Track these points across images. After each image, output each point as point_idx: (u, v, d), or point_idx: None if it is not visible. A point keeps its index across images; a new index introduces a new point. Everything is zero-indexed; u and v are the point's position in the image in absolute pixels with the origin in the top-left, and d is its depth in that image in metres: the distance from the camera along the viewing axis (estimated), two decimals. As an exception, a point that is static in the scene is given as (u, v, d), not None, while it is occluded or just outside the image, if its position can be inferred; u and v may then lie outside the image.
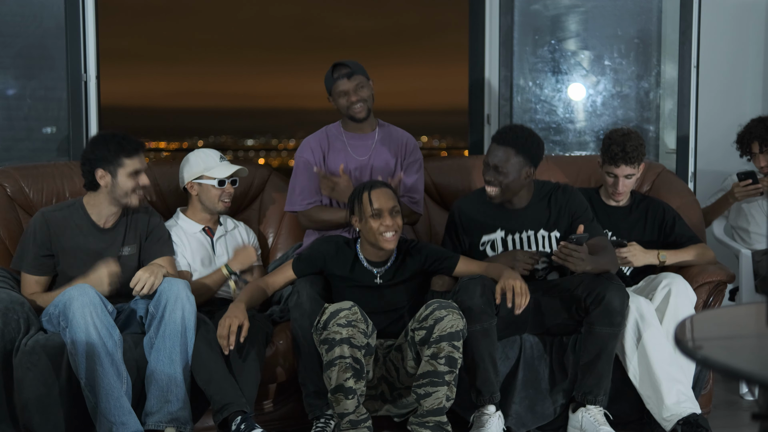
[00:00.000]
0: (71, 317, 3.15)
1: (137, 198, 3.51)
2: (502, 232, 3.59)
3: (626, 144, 3.78)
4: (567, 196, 3.60)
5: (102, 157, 3.45)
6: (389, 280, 3.48)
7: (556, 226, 3.58)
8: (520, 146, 3.50)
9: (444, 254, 3.53)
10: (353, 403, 3.18)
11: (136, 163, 3.48)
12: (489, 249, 3.60)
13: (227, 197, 3.76)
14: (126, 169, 3.46)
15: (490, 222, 3.60)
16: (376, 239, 3.39)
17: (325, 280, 3.55)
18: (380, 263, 3.49)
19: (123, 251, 3.55)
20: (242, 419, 3.23)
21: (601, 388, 3.46)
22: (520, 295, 3.26)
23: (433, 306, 3.24)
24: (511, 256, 3.52)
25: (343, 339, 3.15)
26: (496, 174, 3.50)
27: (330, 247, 3.53)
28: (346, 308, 3.19)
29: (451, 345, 3.19)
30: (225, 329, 3.25)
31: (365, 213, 3.39)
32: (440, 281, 3.57)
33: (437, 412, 3.22)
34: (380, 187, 3.44)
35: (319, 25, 11.42)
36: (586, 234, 3.37)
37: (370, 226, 3.39)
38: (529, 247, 3.57)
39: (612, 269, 3.48)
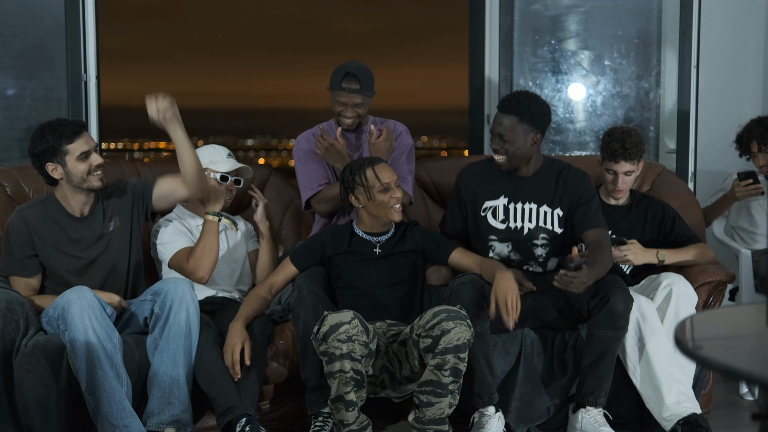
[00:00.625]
0: (70, 320, 3.14)
1: (97, 179, 3.41)
2: (505, 199, 3.58)
3: (626, 140, 3.79)
4: (577, 178, 3.57)
5: (45, 150, 3.37)
6: (389, 250, 3.53)
7: (560, 204, 3.56)
8: (524, 113, 3.48)
9: (441, 239, 3.61)
10: (353, 415, 3.18)
11: (81, 145, 3.36)
12: (490, 216, 3.58)
13: (228, 195, 3.76)
14: (73, 155, 3.37)
15: (494, 188, 3.59)
16: (386, 212, 3.48)
17: (325, 275, 3.55)
18: (379, 234, 3.54)
19: (108, 227, 3.51)
20: (247, 421, 3.23)
21: (602, 390, 3.45)
22: (513, 310, 3.26)
23: (441, 316, 3.18)
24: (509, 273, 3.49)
25: (343, 354, 3.13)
26: (502, 142, 3.50)
27: (325, 231, 3.63)
28: (346, 322, 3.15)
29: (457, 357, 3.17)
30: (229, 359, 3.31)
31: (374, 188, 3.45)
32: (436, 274, 3.57)
33: (439, 422, 3.22)
34: (380, 162, 3.53)
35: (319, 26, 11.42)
36: (583, 258, 3.35)
37: (380, 201, 3.46)
38: (531, 222, 3.56)
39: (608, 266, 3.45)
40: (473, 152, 4.91)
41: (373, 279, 3.49)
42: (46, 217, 3.45)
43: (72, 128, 3.38)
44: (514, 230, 3.56)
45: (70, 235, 3.46)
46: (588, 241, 3.51)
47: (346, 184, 3.51)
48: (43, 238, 3.44)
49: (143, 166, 4.20)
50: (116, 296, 3.40)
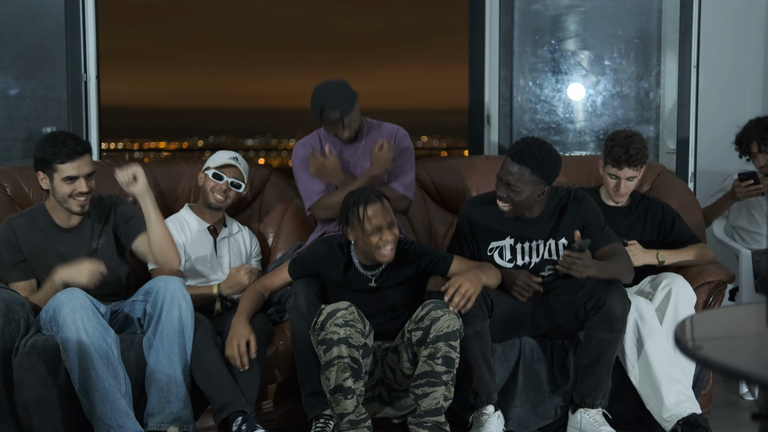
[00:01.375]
0: (62, 323, 3.14)
1: (77, 204, 3.38)
2: (511, 240, 3.56)
3: (629, 146, 3.77)
4: (578, 206, 3.54)
5: (40, 159, 3.38)
6: (383, 283, 3.48)
7: (564, 234, 3.53)
8: (536, 166, 3.39)
9: (438, 256, 3.52)
10: (352, 403, 3.17)
11: (70, 169, 3.34)
12: (497, 255, 3.57)
13: (219, 192, 3.75)
14: (60, 175, 3.35)
15: (500, 229, 3.56)
16: (373, 252, 3.37)
17: (321, 282, 3.55)
18: (374, 267, 3.48)
19: (93, 245, 3.50)
20: (243, 419, 3.23)
21: (600, 392, 3.45)
22: (460, 295, 3.22)
23: (429, 306, 3.23)
24: (514, 276, 3.49)
25: (340, 339, 3.15)
26: (509, 191, 3.42)
27: (324, 250, 3.52)
28: (343, 308, 3.19)
29: (448, 345, 3.19)
30: (234, 350, 3.29)
31: (365, 230, 3.35)
32: (435, 281, 3.57)
33: (435, 413, 3.22)
34: (375, 201, 3.37)
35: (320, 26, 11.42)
36: (587, 240, 3.34)
37: (369, 242, 3.36)
38: (537, 256, 3.55)
39: (623, 277, 3.43)
40: (473, 152, 4.92)
41: (367, 309, 3.40)
42: (34, 227, 3.46)
43: (69, 150, 3.34)
44: (522, 266, 3.56)
45: (56, 248, 3.46)
46: (605, 257, 3.48)
47: (342, 216, 3.44)
48: (30, 247, 3.44)
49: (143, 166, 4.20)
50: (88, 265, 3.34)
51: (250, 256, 3.93)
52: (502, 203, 3.46)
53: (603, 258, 3.45)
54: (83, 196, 3.38)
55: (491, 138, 4.85)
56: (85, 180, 3.37)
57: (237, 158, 3.84)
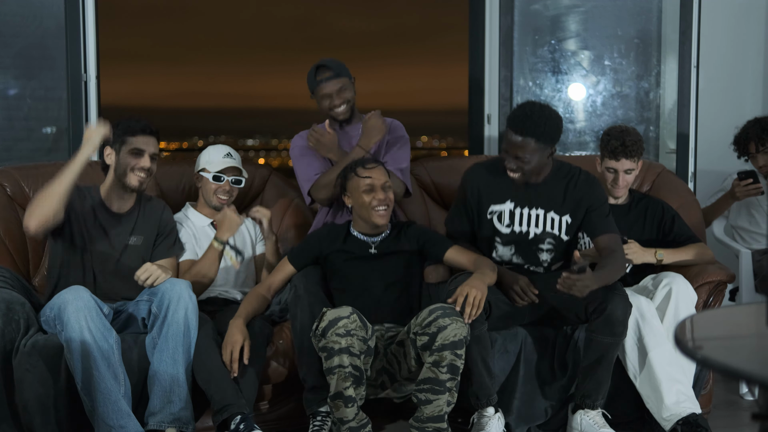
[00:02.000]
0: (66, 321, 3.14)
1: (137, 179, 3.49)
2: (511, 204, 3.55)
3: (625, 138, 3.79)
4: (588, 187, 3.53)
5: (112, 136, 3.48)
6: (384, 250, 3.53)
7: (569, 211, 3.53)
8: (540, 134, 3.38)
9: (437, 237, 3.60)
10: (353, 411, 3.18)
11: (140, 142, 3.49)
12: (496, 220, 3.57)
13: (223, 193, 3.75)
14: (128, 146, 3.48)
15: (501, 192, 3.55)
16: (369, 214, 3.46)
17: (322, 274, 3.56)
18: (374, 235, 3.55)
19: (130, 240, 3.56)
20: (242, 419, 3.23)
21: (600, 394, 3.45)
22: (470, 305, 3.23)
23: (437, 313, 3.20)
24: (514, 279, 3.49)
25: (342, 349, 3.14)
26: (518, 162, 3.42)
27: (321, 230, 3.64)
28: (344, 316, 3.17)
29: (454, 354, 3.18)
30: (227, 356, 3.31)
31: (358, 188, 3.45)
32: (434, 273, 3.58)
33: (437, 419, 3.22)
34: (372, 162, 3.52)
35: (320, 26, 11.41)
36: (585, 262, 3.31)
37: (363, 201, 3.45)
38: (537, 226, 3.55)
39: (617, 277, 3.43)
40: (473, 152, 4.92)
41: (368, 279, 3.48)
42: (85, 202, 3.52)
43: (143, 126, 3.52)
44: (519, 233, 3.55)
45: (101, 224, 3.51)
46: (600, 248, 3.49)
47: (341, 182, 3.54)
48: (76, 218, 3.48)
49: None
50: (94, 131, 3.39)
51: (255, 242, 3.92)
52: (513, 173, 3.46)
53: (600, 247, 3.46)
54: (144, 172, 3.50)
55: (491, 138, 4.85)
56: (149, 157, 3.51)
57: (230, 154, 3.84)
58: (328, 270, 3.57)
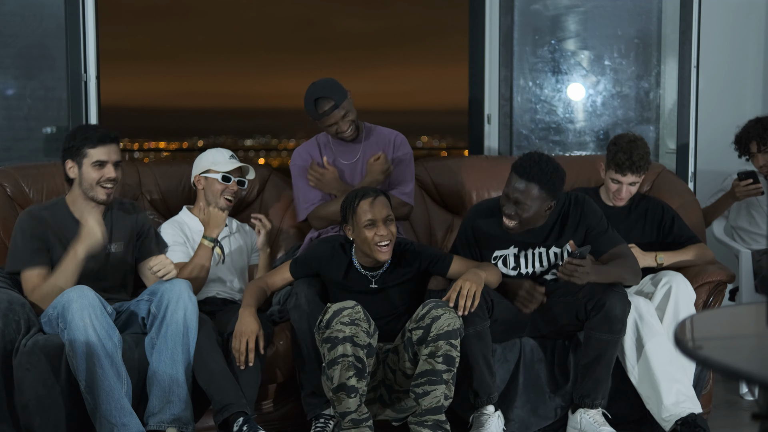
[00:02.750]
0: (70, 319, 3.14)
1: (104, 192, 3.42)
2: (515, 249, 3.55)
3: (633, 152, 3.75)
4: (580, 211, 3.52)
5: (70, 147, 3.42)
6: (384, 284, 3.48)
7: (568, 240, 3.50)
8: (545, 183, 3.35)
9: (438, 256, 3.52)
10: (355, 402, 3.17)
11: (101, 153, 3.40)
12: (501, 264, 3.56)
13: (230, 194, 3.76)
14: (90, 159, 3.40)
15: (503, 237, 3.53)
16: (371, 250, 3.37)
17: (322, 282, 3.55)
18: (375, 268, 3.48)
19: (111, 248, 3.52)
20: (244, 420, 3.23)
21: (599, 392, 3.45)
22: (464, 297, 3.22)
23: (430, 305, 3.23)
24: (518, 285, 3.48)
25: (346, 337, 3.15)
26: (517, 208, 3.38)
27: (326, 250, 3.53)
28: (349, 307, 3.19)
29: (449, 343, 3.18)
30: (242, 345, 3.29)
31: (359, 223, 3.36)
32: (435, 281, 3.56)
33: (435, 411, 3.22)
34: (373, 195, 3.39)
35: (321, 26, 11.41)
36: (587, 246, 3.31)
37: (364, 237, 3.36)
38: (541, 264, 3.55)
39: (626, 280, 3.42)
40: (473, 152, 4.91)
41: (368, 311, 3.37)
42: (54, 220, 3.46)
43: (101, 136, 3.42)
44: (525, 275, 3.56)
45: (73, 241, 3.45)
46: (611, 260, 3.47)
47: (342, 213, 3.46)
48: (49, 239, 3.44)
49: (143, 166, 4.21)
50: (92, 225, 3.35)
51: (251, 251, 3.93)
52: (509, 220, 3.42)
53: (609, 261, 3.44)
54: (111, 183, 3.42)
55: (491, 138, 4.84)
56: (113, 167, 3.42)
57: (234, 156, 3.85)
58: (327, 289, 3.56)
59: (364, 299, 3.41)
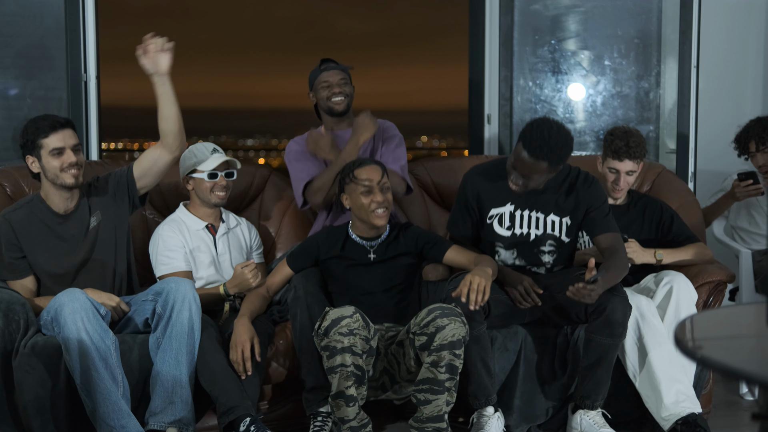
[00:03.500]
0: (63, 322, 3.14)
1: (70, 176, 3.37)
2: (511, 207, 3.55)
3: (629, 139, 3.78)
4: (587, 187, 3.53)
5: (25, 143, 3.40)
6: (382, 255, 3.52)
7: (570, 213, 3.52)
8: (554, 160, 3.34)
9: (436, 238, 3.58)
10: (354, 411, 3.18)
11: (56, 141, 3.34)
12: (496, 223, 3.56)
13: (220, 189, 3.71)
14: (46, 149, 3.36)
15: (501, 195, 3.55)
16: (368, 216, 3.44)
17: (321, 274, 3.56)
18: (372, 239, 3.53)
19: (92, 223, 3.49)
20: (251, 421, 3.22)
21: (599, 394, 3.44)
22: (475, 291, 3.21)
23: (436, 313, 3.20)
24: (518, 280, 3.48)
25: (344, 348, 3.14)
26: (525, 181, 3.39)
27: (319, 233, 3.62)
28: (347, 316, 3.17)
29: (452, 353, 3.18)
30: (238, 356, 3.30)
31: (355, 189, 3.43)
32: (433, 272, 3.57)
33: (437, 419, 3.21)
34: (369, 163, 3.49)
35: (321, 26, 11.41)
36: (599, 274, 3.26)
37: (361, 203, 3.43)
38: (538, 229, 3.55)
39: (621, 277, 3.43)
40: (473, 152, 4.91)
41: (367, 285, 3.47)
42: (32, 217, 3.43)
43: (50, 123, 3.37)
44: (520, 236, 3.55)
45: (57, 233, 3.44)
46: (602, 248, 3.48)
47: (339, 183, 3.54)
48: (30, 239, 3.41)
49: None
50: (116, 297, 3.39)
51: (251, 249, 3.89)
52: (514, 185, 3.43)
53: (602, 247, 3.46)
54: (74, 168, 3.37)
55: (491, 138, 4.84)
56: (72, 151, 3.37)
57: (217, 149, 3.77)
58: (326, 274, 3.57)
59: (363, 272, 3.47)
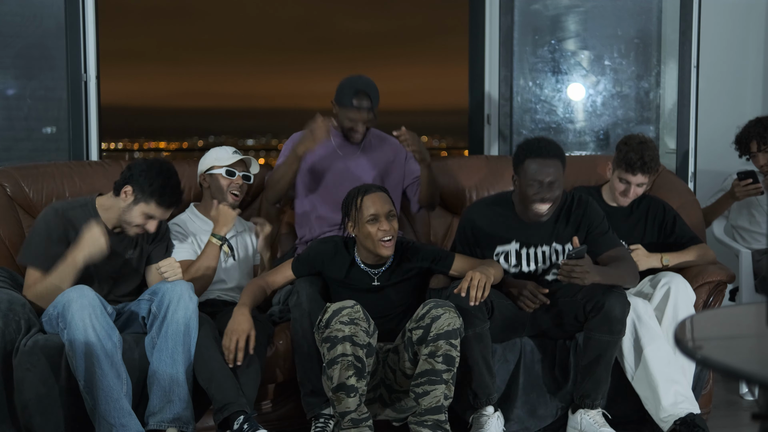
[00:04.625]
0: (70, 319, 3.14)
1: (134, 232, 3.47)
2: (516, 244, 3.55)
3: (644, 153, 3.76)
4: (583, 209, 3.54)
5: (142, 182, 3.42)
6: (386, 282, 3.49)
7: (570, 239, 3.51)
8: (561, 155, 3.44)
9: (440, 254, 3.54)
10: (355, 402, 3.17)
11: (157, 211, 3.43)
12: (503, 260, 3.57)
13: (236, 188, 3.76)
14: (144, 209, 3.42)
15: (505, 233, 3.55)
16: (374, 245, 3.39)
17: (323, 280, 3.55)
18: (377, 265, 3.49)
19: (127, 254, 3.55)
20: (245, 418, 3.23)
21: (599, 393, 3.45)
22: (475, 288, 3.22)
23: (430, 305, 3.23)
24: (521, 285, 3.49)
25: (345, 337, 3.15)
26: (552, 190, 3.40)
27: (328, 248, 3.54)
28: (348, 306, 3.19)
29: (449, 343, 3.18)
30: (232, 343, 3.28)
31: (362, 218, 3.38)
32: (436, 279, 3.57)
33: (435, 411, 3.22)
34: (375, 191, 3.42)
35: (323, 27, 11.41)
36: (584, 246, 3.32)
37: (367, 232, 3.38)
38: (543, 263, 3.55)
39: (627, 282, 3.43)
40: (473, 152, 4.91)
41: (370, 310, 3.39)
42: (82, 221, 3.44)
43: (169, 199, 3.43)
44: (527, 273, 3.56)
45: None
46: (607, 263, 3.48)
47: (343, 210, 3.48)
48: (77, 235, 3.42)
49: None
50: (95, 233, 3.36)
51: (256, 252, 3.92)
52: (546, 204, 3.42)
53: (607, 263, 3.44)
54: (141, 229, 3.47)
55: (491, 138, 4.85)
56: (156, 223, 3.46)
57: (237, 151, 3.86)
58: (329, 287, 3.56)
59: (365, 297, 3.42)
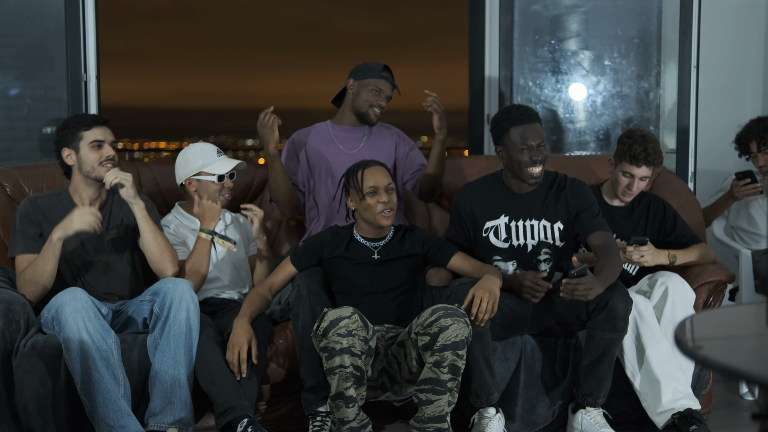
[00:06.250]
0: (64, 322, 3.14)
1: (106, 170, 3.45)
2: (505, 218, 3.57)
3: (648, 145, 3.76)
4: (574, 189, 3.56)
5: (63, 136, 3.47)
6: (386, 256, 3.52)
7: (560, 217, 3.54)
8: (539, 118, 3.57)
9: (441, 243, 3.59)
10: (353, 411, 3.17)
11: (96, 134, 3.46)
12: (492, 236, 3.58)
13: (227, 192, 3.74)
14: (86, 141, 3.45)
15: (494, 207, 3.58)
16: (374, 216, 3.46)
17: (324, 274, 3.56)
18: (377, 239, 3.54)
19: (110, 234, 3.53)
20: (249, 422, 3.22)
21: (601, 391, 3.45)
22: (484, 311, 3.25)
23: (439, 313, 3.20)
24: (521, 278, 3.49)
25: (343, 349, 3.14)
26: (542, 151, 3.50)
27: (325, 233, 3.62)
28: (346, 316, 3.16)
29: (455, 354, 3.18)
30: (234, 357, 3.30)
31: (362, 191, 3.45)
32: (436, 276, 3.57)
33: (438, 419, 3.21)
34: (374, 165, 3.51)
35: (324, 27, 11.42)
36: (585, 265, 3.31)
37: (367, 204, 3.45)
38: (533, 238, 3.56)
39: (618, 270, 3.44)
40: (473, 152, 4.91)
41: (370, 284, 3.48)
42: (57, 207, 3.48)
43: (93, 118, 3.51)
44: (518, 248, 3.56)
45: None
46: (594, 246, 3.49)
47: (344, 185, 3.54)
48: (50, 224, 3.43)
49: (143, 166, 4.20)
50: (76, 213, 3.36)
51: (249, 242, 3.90)
52: (539, 166, 3.50)
53: (594, 245, 3.47)
54: (111, 162, 3.47)
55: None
56: (110, 147, 3.48)
57: (220, 151, 3.81)
58: (330, 273, 3.57)
59: (366, 271, 3.48)
